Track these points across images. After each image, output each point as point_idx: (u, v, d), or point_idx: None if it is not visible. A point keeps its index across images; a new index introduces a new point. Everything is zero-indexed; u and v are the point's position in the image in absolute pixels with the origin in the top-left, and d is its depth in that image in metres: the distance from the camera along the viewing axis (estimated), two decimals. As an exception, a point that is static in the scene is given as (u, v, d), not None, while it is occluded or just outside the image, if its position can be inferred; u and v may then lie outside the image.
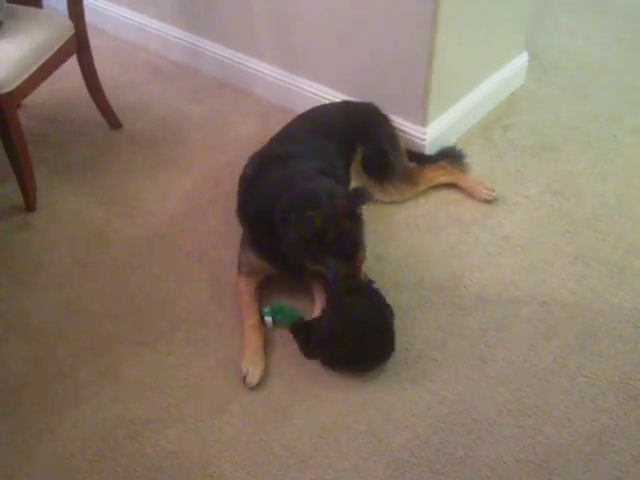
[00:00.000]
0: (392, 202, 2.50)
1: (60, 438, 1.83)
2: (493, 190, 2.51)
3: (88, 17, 2.65)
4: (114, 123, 2.92)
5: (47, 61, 2.46)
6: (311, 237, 1.86)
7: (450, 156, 2.62)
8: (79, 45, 2.63)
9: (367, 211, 2.01)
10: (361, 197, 1.97)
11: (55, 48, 2.49)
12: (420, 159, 2.58)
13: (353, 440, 1.80)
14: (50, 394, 1.93)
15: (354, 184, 2.39)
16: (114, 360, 2.02)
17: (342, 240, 1.90)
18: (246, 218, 2.21)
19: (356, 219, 1.96)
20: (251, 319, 2.04)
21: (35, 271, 2.31)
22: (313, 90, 2.87)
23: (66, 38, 2.54)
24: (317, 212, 1.86)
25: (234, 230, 2.30)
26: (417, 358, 1.98)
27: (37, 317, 2.15)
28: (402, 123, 2.62)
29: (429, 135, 2.62)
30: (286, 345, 2.01)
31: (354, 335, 1.89)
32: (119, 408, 1.89)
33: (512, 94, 3.05)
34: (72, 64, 2.68)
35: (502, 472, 1.72)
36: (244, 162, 2.34)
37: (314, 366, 1.96)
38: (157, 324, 2.12)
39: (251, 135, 2.83)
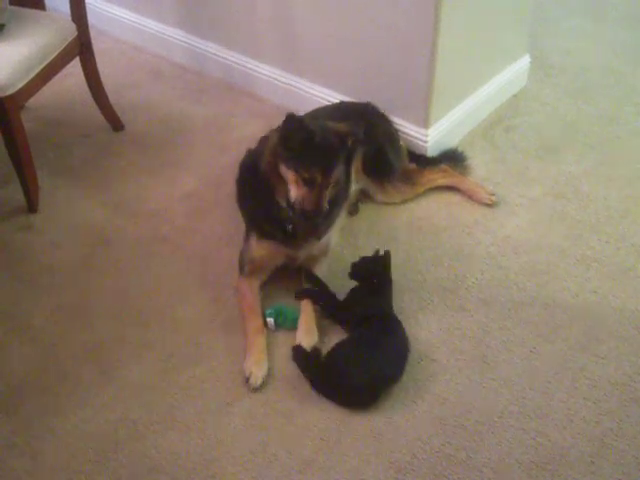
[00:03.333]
0: (392, 203, 2.50)
1: (62, 439, 1.83)
2: (494, 194, 2.51)
3: (91, 20, 2.67)
4: (116, 125, 2.92)
5: (50, 63, 2.47)
6: (299, 137, 1.91)
7: (452, 158, 2.62)
8: (82, 47, 2.64)
9: (370, 213, 2.01)
10: (357, 130, 2.04)
11: (58, 50, 2.50)
12: (422, 161, 2.58)
13: (354, 442, 1.79)
14: (52, 395, 1.94)
15: (355, 185, 2.39)
16: (116, 361, 2.02)
17: (324, 151, 1.95)
18: (241, 195, 2.25)
19: (345, 144, 2.01)
20: (254, 322, 2.04)
21: (37, 272, 2.31)
22: (315, 92, 2.88)
23: (69, 40, 2.55)
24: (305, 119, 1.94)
25: (236, 231, 2.31)
26: (419, 359, 1.97)
27: (39, 318, 2.15)
28: (404, 125, 2.63)
29: (431, 137, 2.62)
30: (288, 347, 2.01)
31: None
32: (121, 409, 1.89)
33: (514, 96, 3.05)
34: (75, 66, 2.69)
35: (504, 474, 1.71)
36: (246, 164, 2.34)
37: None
38: (159, 326, 2.12)
39: (254, 137, 2.79)
